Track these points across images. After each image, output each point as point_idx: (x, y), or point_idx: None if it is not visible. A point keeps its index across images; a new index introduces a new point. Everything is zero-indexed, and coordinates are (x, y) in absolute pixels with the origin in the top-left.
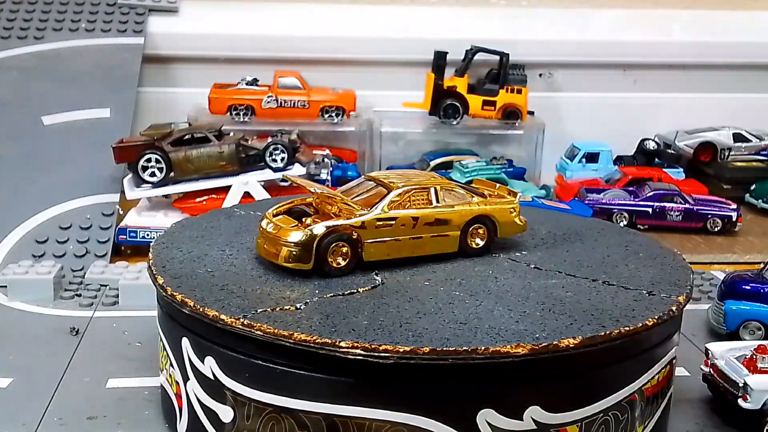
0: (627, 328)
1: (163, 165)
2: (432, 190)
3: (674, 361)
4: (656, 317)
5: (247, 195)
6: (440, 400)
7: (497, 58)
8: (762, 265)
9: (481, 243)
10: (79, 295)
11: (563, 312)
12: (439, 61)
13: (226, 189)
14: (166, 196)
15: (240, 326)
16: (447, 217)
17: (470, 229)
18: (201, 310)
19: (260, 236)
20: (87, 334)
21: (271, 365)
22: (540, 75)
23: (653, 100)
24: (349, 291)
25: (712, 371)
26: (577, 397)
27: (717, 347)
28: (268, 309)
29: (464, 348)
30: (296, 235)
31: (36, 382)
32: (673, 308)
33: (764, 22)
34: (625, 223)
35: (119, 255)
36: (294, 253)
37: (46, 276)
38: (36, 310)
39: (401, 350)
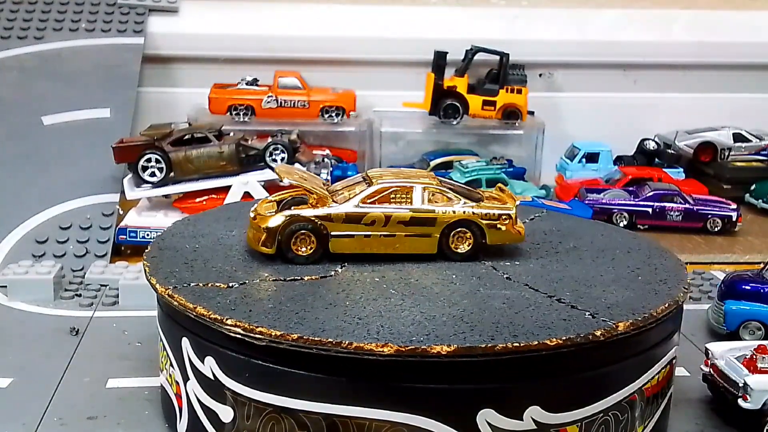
0: (504, 345)
1: (163, 165)
2: (416, 189)
3: (674, 361)
4: (563, 338)
5: (247, 195)
6: (440, 400)
7: (497, 58)
8: (762, 265)
9: (466, 249)
10: (79, 295)
11: (469, 323)
12: (439, 61)
13: (226, 189)
14: (166, 196)
15: (165, 295)
16: (425, 217)
17: (454, 233)
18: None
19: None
20: (87, 334)
21: (271, 365)
22: (540, 75)
23: (653, 100)
24: (293, 277)
25: (712, 371)
26: (577, 397)
27: (717, 347)
28: (200, 284)
29: (329, 340)
30: (266, 222)
31: (36, 382)
32: (591, 335)
33: (764, 22)
34: (625, 223)
35: (119, 255)
36: (262, 238)
37: (46, 276)
38: (36, 310)
39: (273, 334)
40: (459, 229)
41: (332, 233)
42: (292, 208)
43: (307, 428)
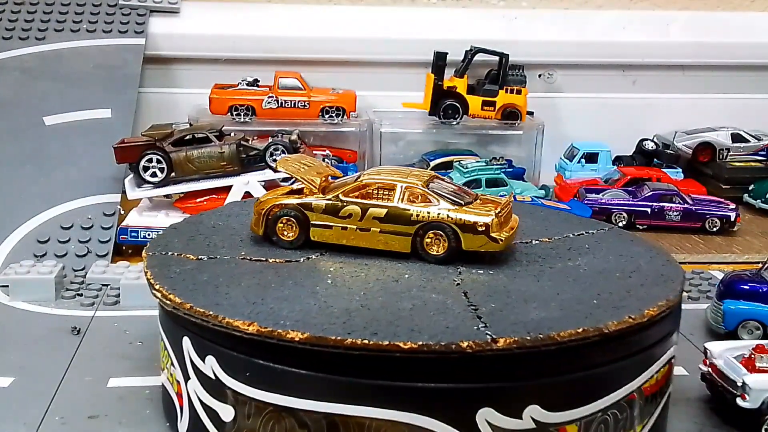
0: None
1: (164, 165)
2: (398, 188)
3: (673, 360)
4: (419, 343)
5: (247, 195)
6: (440, 399)
7: (497, 58)
8: (760, 265)
9: (440, 252)
10: (81, 295)
11: (366, 318)
12: (439, 62)
13: (227, 189)
14: (167, 196)
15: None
16: (399, 215)
17: (430, 235)
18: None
19: None
20: (88, 333)
21: (271, 364)
22: (539, 76)
23: (652, 100)
24: (261, 258)
25: (710, 370)
26: (576, 396)
27: (716, 346)
28: (175, 254)
29: (225, 319)
30: (261, 206)
31: (37, 382)
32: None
33: (762, 23)
34: (624, 223)
35: (120, 255)
36: (254, 219)
37: (47, 276)
38: (37, 310)
39: (187, 307)
40: (434, 232)
41: (312, 222)
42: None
43: (308, 427)
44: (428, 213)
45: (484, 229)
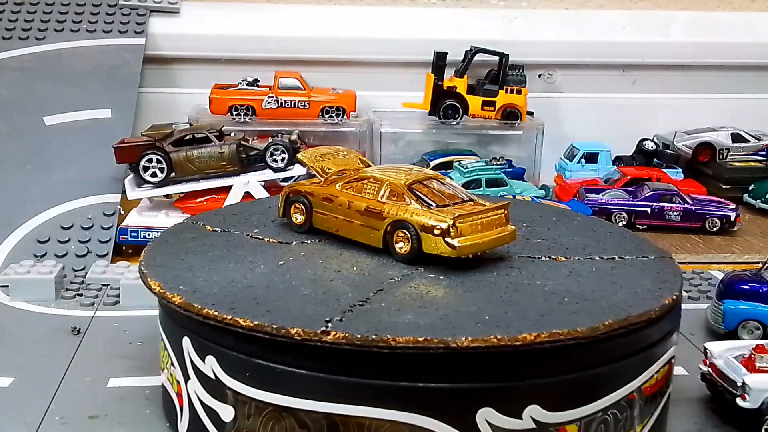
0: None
1: (164, 165)
2: (384, 185)
3: (673, 360)
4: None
5: (247, 195)
6: (440, 400)
7: (497, 58)
8: (760, 265)
9: (404, 251)
10: (81, 295)
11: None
12: (439, 62)
13: (227, 189)
14: (167, 196)
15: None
16: (374, 211)
17: (398, 233)
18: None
19: None
20: (88, 333)
21: (271, 364)
22: (539, 76)
23: (652, 100)
24: (258, 236)
25: (710, 370)
26: (576, 396)
27: (716, 346)
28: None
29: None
30: (284, 189)
31: (37, 382)
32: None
33: (762, 23)
34: (624, 223)
35: (120, 255)
36: (279, 203)
37: (47, 276)
38: (37, 310)
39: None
40: (402, 231)
41: (314, 209)
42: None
43: (308, 427)
44: (396, 211)
45: (439, 233)
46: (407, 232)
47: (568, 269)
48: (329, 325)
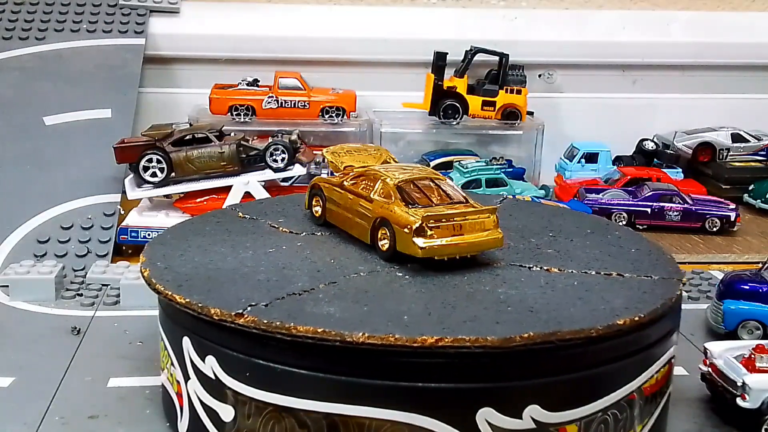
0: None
1: (164, 165)
2: (378, 182)
3: (673, 360)
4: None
5: (247, 195)
6: (440, 400)
7: (497, 58)
8: (760, 265)
9: (385, 248)
10: (81, 295)
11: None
12: (439, 62)
13: (227, 189)
14: (167, 196)
15: None
16: (363, 206)
17: (381, 230)
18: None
19: None
20: (88, 333)
21: (271, 364)
22: (539, 76)
23: (652, 100)
24: (276, 225)
25: (710, 370)
26: (576, 396)
27: (716, 346)
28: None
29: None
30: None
31: (37, 382)
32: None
33: (762, 23)
34: (624, 223)
35: (120, 255)
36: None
37: (47, 276)
38: (37, 310)
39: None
40: (383, 228)
41: (327, 203)
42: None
43: (308, 427)
44: (380, 209)
45: (409, 232)
46: (388, 230)
47: (548, 281)
48: (249, 309)
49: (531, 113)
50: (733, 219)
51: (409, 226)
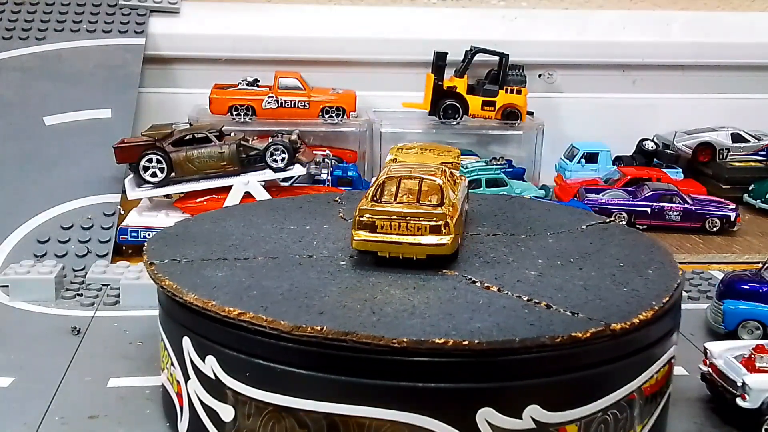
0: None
1: (164, 165)
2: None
3: (673, 360)
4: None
5: (247, 195)
6: (440, 400)
7: (497, 58)
8: (760, 265)
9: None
10: (81, 295)
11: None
12: (439, 62)
13: (227, 189)
14: (167, 196)
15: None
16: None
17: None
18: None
19: None
20: (88, 333)
21: (272, 364)
22: (539, 76)
23: (652, 100)
24: (342, 213)
25: (710, 370)
26: (576, 396)
27: (716, 346)
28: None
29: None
30: None
31: (37, 382)
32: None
33: (762, 23)
34: (624, 223)
35: (120, 255)
36: None
37: (47, 276)
38: (37, 310)
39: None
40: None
41: None
42: None
43: (308, 427)
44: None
45: (353, 224)
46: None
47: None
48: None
49: (531, 113)
50: (733, 219)
51: (352, 218)
